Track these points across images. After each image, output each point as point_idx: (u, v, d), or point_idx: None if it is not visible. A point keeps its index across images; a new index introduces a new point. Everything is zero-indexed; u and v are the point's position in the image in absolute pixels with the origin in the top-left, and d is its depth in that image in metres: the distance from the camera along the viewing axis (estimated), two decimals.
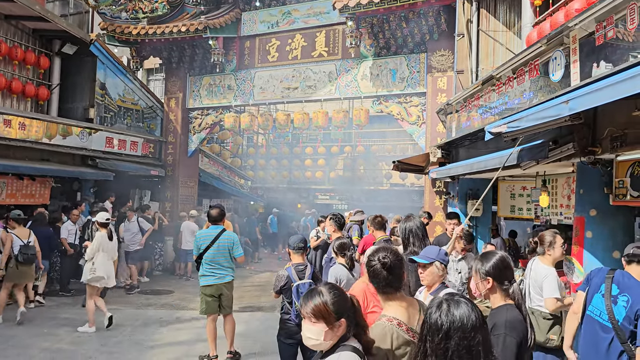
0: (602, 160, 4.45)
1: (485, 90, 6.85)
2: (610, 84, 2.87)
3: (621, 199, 4.32)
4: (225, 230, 6.33)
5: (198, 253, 6.23)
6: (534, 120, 3.71)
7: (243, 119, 12.91)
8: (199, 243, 6.26)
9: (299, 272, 4.80)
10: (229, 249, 6.23)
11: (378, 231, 6.03)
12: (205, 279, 6.20)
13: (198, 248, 6.24)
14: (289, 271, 4.82)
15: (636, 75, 2.69)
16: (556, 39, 4.98)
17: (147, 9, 13.22)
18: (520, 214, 7.86)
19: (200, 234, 6.46)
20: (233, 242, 6.27)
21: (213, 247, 6.16)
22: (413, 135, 11.22)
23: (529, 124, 3.78)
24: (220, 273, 6.19)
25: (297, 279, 4.73)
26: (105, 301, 7.77)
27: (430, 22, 10.44)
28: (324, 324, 1.98)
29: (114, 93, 12.80)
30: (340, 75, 11.89)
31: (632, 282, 3.43)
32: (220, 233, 6.22)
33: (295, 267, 4.84)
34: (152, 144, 13.70)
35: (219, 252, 6.18)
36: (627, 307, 3.36)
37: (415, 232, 4.21)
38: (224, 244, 6.21)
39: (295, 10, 12.47)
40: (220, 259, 6.20)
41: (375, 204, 19.25)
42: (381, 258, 2.45)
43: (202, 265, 6.23)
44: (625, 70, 3.02)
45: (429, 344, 1.76)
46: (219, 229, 6.28)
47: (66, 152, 11.04)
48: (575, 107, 3.16)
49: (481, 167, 6.02)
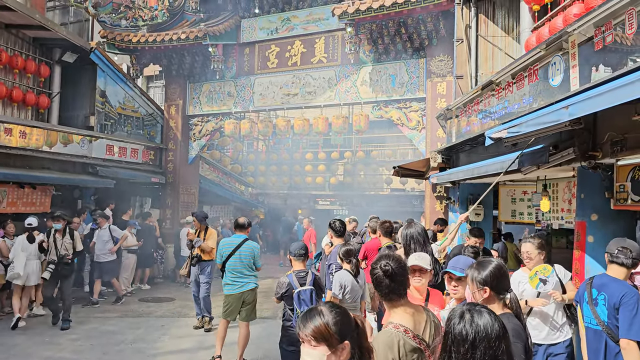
0: (603, 164, 4.45)
1: (484, 95, 6.86)
2: (610, 89, 2.88)
3: (622, 203, 4.32)
4: (248, 240, 6.38)
5: (221, 261, 6.31)
6: (534, 126, 3.71)
7: (243, 125, 12.94)
8: (221, 251, 6.33)
9: (300, 279, 4.80)
10: (250, 258, 6.27)
11: (384, 237, 6.05)
12: (228, 288, 6.29)
13: (221, 256, 6.30)
14: (290, 278, 4.82)
15: (635, 81, 2.70)
16: (555, 44, 5.00)
17: (147, 17, 13.28)
18: (521, 218, 7.86)
19: (224, 242, 6.52)
20: (254, 251, 6.34)
21: (234, 255, 6.23)
22: (413, 140, 11.23)
23: (529, 129, 3.79)
24: (242, 281, 6.26)
25: (298, 286, 4.74)
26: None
27: (429, 28, 10.49)
28: (326, 348, 1.77)
29: (114, 100, 12.83)
30: (339, 81, 11.92)
31: (606, 280, 3.59)
32: (242, 242, 6.28)
33: (297, 274, 4.84)
34: (153, 151, 13.72)
35: (240, 261, 6.23)
36: (606, 304, 3.49)
37: (417, 238, 4.22)
38: (245, 253, 6.26)
39: (294, 17, 12.51)
40: (242, 268, 6.25)
41: (375, 210, 19.24)
42: (383, 266, 2.45)
43: (225, 274, 6.29)
44: (625, 76, 3.02)
45: (455, 354, 1.76)
46: (242, 238, 6.33)
47: (67, 160, 11.05)
48: (575, 112, 3.17)
49: (482, 172, 6.02)
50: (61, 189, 11.34)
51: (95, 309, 9.21)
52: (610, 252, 3.65)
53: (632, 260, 3.56)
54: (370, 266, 2.57)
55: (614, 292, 3.47)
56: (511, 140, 4.55)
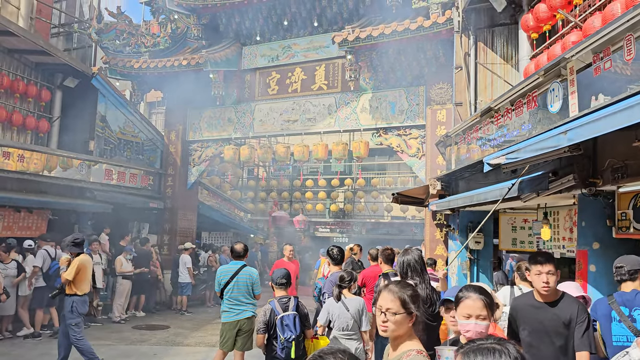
0: (604, 191, 4.37)
1: (483, 122, 6.82)
2: (608, 114, 2.82)
3: (624, 231, 4.22)
4: (246, 266, 6.24)
5: (219, 289, 6.17)
6: (533, 152, 3.65)
7: (243, 151, 12.91)
8: (219, 278, 6.19)
9: (283, 305, 4.68)
10: (248, 285, 6.12)
11: (385, 264, 5.92)
12: (224, 315, 6.14)
13: (219, 283, 6.17)
14: (272, 304, 4.71)
15: (634, 105, 2.64)
16: (553, 71, 4.97)
17: (149, 43, 13.43)
18: (522, 247, 7.72)
19: (221, 269, 6.38)
20: (252, 278, 6.18)
21: (232, 282, 6.08)
22: (413, 167, 11.18)
23: (527, 155, 3.72)
24: (239, 309, 6.10)
25: (281, 311, 4.62)
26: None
27: (428, 56, 10.55)
28: None
29: (114, 125, 12.85)
30: (339, 108, 11.94)
31: (631, 295, 3.74)
32: (240, 269, 6.14)
33: (279, 300, 4.74)
34: (152, 176, 13.67)
35: (237, 288, 6.08)
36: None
37: (414, 266, 4.10)
38: (243, 279, 6.11)
39: (295, 44, 12.62)
40: (239, 295, 6.09)
41: (376, 237, 19.10)
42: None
43: (223, 301, 6.16)
44: (623, 100, 2.97)
45: None
46: (239, 264, 6.20)
47: (64, 185, 11.00)
48: (573, 137, 3.10)
49: (481, 199, 5.93)
50: (58, 213, 11.24)
51: (88, 336, 8.93)
52: (617, 274, 3.88)
53: (629, 273, 3.80)
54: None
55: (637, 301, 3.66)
56: (510, 167, 4.48)
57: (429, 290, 4.03)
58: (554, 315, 3.46)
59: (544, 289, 3.46)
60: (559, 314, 3.45)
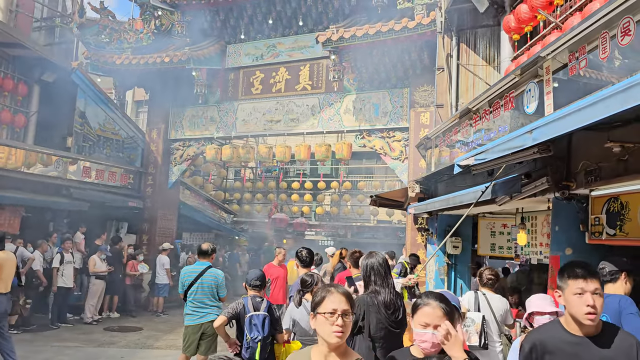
0: (577, 195, 4.22)
1: (463, 124, 6.68)
2: (573, 110, 2.65)
3: (597, 237, 4.06)
4: (211, 267, 5.99)
5: (183, 290, 5.89)
6: (500, 152, 3.48)
7: (224, 151, 12.68)
8: (183, 280, 5.93)
9: (256, 304, 4.49)
10: (213, 287, 5.87)
11: (354, 268, 5.74)
12: (187, 318, 5.88)
13: (182, 285, 5.90)
14: (245, 300, 4.51)
15: (600, 100, 2.47)
16: (530, 71, 4.84)
17: (132, 40, 13.19)
18: (500, 252, 7.57)
19: (185, 270, 6.10)
20: (217, 280, 5.92)
21: (196, 284, 5.81)
22: (395, 170, 11.03)
23: (495, 155, 3.56)
24: (202, 312, 5.82)
25: (252, 310, 4.42)
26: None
27: (413, 57, 10.41)
28: None
29: (93, 122, 12.59)
30: (323, 109, 11.77)
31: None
32: (205, 270, 5.88)
33: (253, 298, 4.54)
34: (132, 175, 13.41)
35: (202, 290, 5.82)
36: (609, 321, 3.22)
37: (377, 270, 3.90)
38: (208, 281, 5.85)
39: (280, 43, 12.45)
40: (203, 298, 5.82)
41: (361, 241, 18.90)
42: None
43: (186, 304, 5.90)
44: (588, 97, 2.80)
45: None
46: (204, 265, 5.94)
47: (39, 181, 10.72)
48: (538, 137, 2.94)
49: (457, 202, 5.77)
50: (32, 210, 10.96)
51: (54, 337, 8.71)
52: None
53: (610, 274, 3.51)
54: None
55: (610, 306, 3.22)
56: (479, 168, 4.31)
57: (392, 295, 3.84)
58: (602, 356, 2.37)
59: (590, 317, 2.33)
60: (610, 355, 2.35)
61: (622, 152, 3.39)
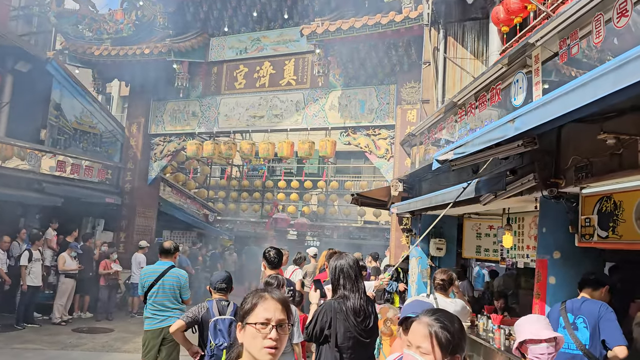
0: (567, 194, 3.88)
1: (448, 119, 6.34)
2: (559, 94, 2.31)
3: (587, 239, 3.72)
4: (173, 267, 5.53)
5: (143, 292, 5.42)
6: (480, 144, 3.13)
7: (206, 147, 12.23)
8: (142, 281, 5.44)
9: (221, 307, 4.12)
10: (175, 289, 5.42)
11: None
12: (147, 322, 5.41)
13: (142, 286, 5.42)
14: (210, 304, 4.13)
15: (589, 81, 2.12)
16: (519, 61, 4.50)
17: (112, 30, 12.74)
18: (486, 255, 7.23)
19: (145, 270, 5.62)
20: (180, 281, 5.44)
21: (157, 285, 5.34)
22: (381, 169, 10.68)
23: (474, 148, 3.21)
24: (163, 315, 5.34)
25: (217, 314, 4.04)
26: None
27: (400, 53, 10.07)
28: None
29: (69, 115, 12.14)
30: (307, 105, 11.40)
31: (579, 303, 3.61)
32: (166, 270, 5.41)
33: (218, 302, 4.17)
34: (110, 170, 12.95)
35: (163, 292, 5.35)
36: (587, 326, 3.49)
37: (347, 272, 3.54)
38: (169, 282, 5.38)
39: (264, 37, 12.06)
40: (164, 300, 5.35)
41: (347, 241, 18.56)
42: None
43: (146, 307, 5.43)
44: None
45: None
46: (166, 265, 5.45)
47: (10, 175, 10.25)
48: (520, 126, 2.60)
49: (439, 201, 5.43)
50: (1, 205, 10.48)
51: (17, 338, 8.25)
52: (579, 282, 3.77)
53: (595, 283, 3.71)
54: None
55: (590, 311, 3.52)
56: (459, 164, 3.96)
57: (362, 301, 3.49)
58: None
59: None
60: None
61: (617, 145, 3.05)
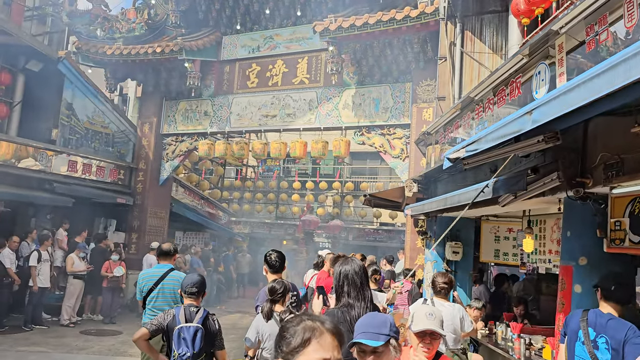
0: (594, 194, 3.55)
1: (464, 116, 6.02)
2: (583, 80, 2.01)
3: (618, 244, 3.39)
4: (173, 270, 5.28)
5: (141, 297, 5.14)
6: (494, 140, 2.83)
7: (218, 146, 12.02)
8: (141, 285, 5.17)
9: (189, 314, 3.83)
10: (175, 292, 5.16)
11: None
12: None
13: (141, 291, 5.15)
14: (177, 310, 3.85)
15: (619, 62, 1.82)
16: (541, 52, 4.17)
17: (124, 29, 12.64)
18: (505, 259, 6.89)
19: (143, 274, 5.34)
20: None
21: (156, 289, 5.07)
22: (396, 169, 10.38)
23: (488, 144, 2.91)
24: None
25: (182, 321, 3.76)
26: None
27: (415, 50, 9.76)
28: None
29: (81, 114, 12.05)
30: (321, 104, 11.14)
31: (604, 319, 3.28)
32: (166, 273, 5.15)
33: (186, 308, 3.89)
34: (122, 170, 12.85)
35: (162, 296, 5.07)
36: (609, 348, 3.23)
37: (352, 279, 3.26)
38: (169, 286, 5.10)
39: (277, 35, 11.85)
40: (164, 305, 5.02)
41: (362, 243, 18.26)
42: None
43: (145, 312, 5.19)
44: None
45: None
46: (166, 268, 5.20)
47: (21, 175, 10.17)
48: (539, 118, 2.31)
49: (455, 203, 5.11)
50: (12, 204, 10.43)
51: (24, 340, 8.13)
52: (604, 288, 3.32)
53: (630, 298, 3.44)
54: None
55: (615, 333, 3.18)
56: (472, 162, 3.65)
57: (369, 310, 3.20)
58: None
59: None
60: None
61: None
